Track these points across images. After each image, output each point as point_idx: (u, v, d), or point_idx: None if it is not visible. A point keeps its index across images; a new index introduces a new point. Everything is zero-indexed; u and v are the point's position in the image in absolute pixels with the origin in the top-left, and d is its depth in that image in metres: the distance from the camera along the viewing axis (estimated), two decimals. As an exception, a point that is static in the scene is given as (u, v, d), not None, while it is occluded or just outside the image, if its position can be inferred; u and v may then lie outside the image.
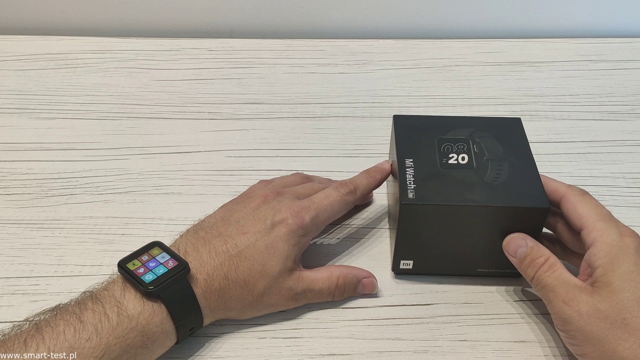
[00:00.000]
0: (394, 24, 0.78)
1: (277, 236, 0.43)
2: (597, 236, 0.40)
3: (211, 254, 0.42)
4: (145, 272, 0.40)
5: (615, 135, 0.61)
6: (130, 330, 0.38)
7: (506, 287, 0.47)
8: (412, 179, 0.44)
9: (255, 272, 0.42)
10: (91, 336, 0.36)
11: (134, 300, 0.39)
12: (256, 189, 0.49)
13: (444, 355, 0.43)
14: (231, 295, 0.42)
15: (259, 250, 0.43)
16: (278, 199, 0.45)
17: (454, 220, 0.44)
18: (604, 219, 0.41)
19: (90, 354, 0.36)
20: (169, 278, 0.39)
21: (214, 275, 0.41)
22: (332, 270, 0.46)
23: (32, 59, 0.71)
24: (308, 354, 0.43)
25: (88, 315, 0.37)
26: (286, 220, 0.43)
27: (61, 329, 0.36)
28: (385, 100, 0.66)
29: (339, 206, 0.46)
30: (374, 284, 0.47)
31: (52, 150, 0.59)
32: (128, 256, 0.41)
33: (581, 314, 0.38)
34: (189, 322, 0.41)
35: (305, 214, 0.44)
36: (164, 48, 0.73)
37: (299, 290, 0.44)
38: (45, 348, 0.35)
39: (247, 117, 0.64)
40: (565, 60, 0.72)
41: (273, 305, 0.44)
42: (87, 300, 0.39)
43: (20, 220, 0.52)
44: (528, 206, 0.43)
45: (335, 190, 0.46)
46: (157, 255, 0.41)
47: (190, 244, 0.43)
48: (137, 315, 0.38)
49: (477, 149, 0.47)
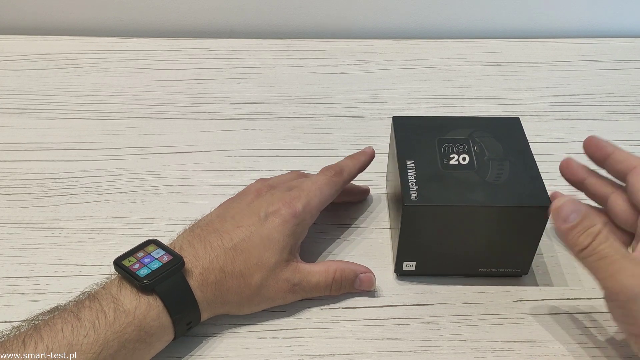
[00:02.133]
0: (394, 24, 0.78)
1: (272, 227, 0.43)
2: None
3: (207, 249, 0.42)
4: (140, 267, 0.40)
5: (615, 135, 0.61)
6: (127, 325, 0.38)
7: (506, 287, 0.47)
8: (414, 180, 0.44)
9: (252, 264, 0.42)
10: (89, 332, 0.37)
11: (130, 295, 0.39)
12: (252, 187, 0.50)
13: (444, 355, 0.43)
14: (228, 288, 0.42)
15: (254, 243, 0.43)
16: (271, 192, 0.46)
17: (457, 220, 0.43)
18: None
19: (89, 350, 0.36)
20: (164, 272, 0.40)
21: (209, 269, 0.42)
22: (329, 264, 0.46)
23: (32, 59, 0.71)
24: (308, 354, 0.43)
25: (85, 312, 0.38)
26: (279, 211, 0.44)
27: (59, 327, 0.37)
28: (385, 100, 0.66)
29: (327, 189, 0.47)
30: (371, 279, 0.47)
31: (52, 150, 0.59)
32: (124, 254, 0.42)
33: (637, 278, 0.35)
34: (186, 315, 0.41)
35: (296, 202, 0.44)
36: (164, 48, 0.73)
37: (296, 280, 0.44)
38: (44, 346, 0.36)
39: (247, 117, 0.64)
40: (565, 60, 0.72)
41: (271, 299, 0.44)
42: (85, 299, 0.39)
43: (21, 220, 0.52)
44: (530, 205, 0.43)
45: (321, 174, 0.48)
46: (152, 251, 0.42)
47: (186, 241, 0.43)
48: (133, 309, 0.38)
49: (477, 149, 0.47)
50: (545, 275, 0.48)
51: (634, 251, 0.40)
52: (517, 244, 0.45)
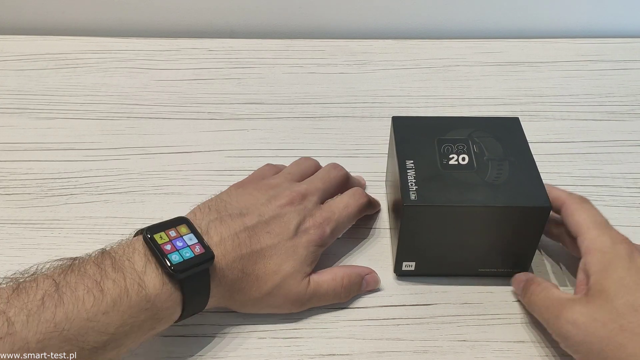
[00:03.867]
0: (394, 24, 0.78)
1: (299, 243, 0.44)
2: (590, 244, 0.41)
3: (234, 245, 0.42)
4: (172, 250, 0.39)
5: (615, 135, 0.61)
6: (145, 310, 0.37)
7: (506, 287, 0.47)
8: (414, 181, 0.44)
9: (270, 270, 0.43)
10: (108, 310, 0.35)
11: (155, 278, 0.38)
12: (266, 172, 0.51)
13: (443, 355, 0.43)
14: (241, 289, 0.42)
15: (278, 252, 0.43)
16: (304, 204, 0.46)
17: (457, 220, 0.44)
18: (598, 227, 0.41)
19: (105, 329, 0.35)
20: (194, 265, 0.39)
21: (232, 267, 0.41)
22: (335, 271, 0.46)
23: (32, 59, 0.71)
24: (308, 354, 0.43)
25: (109, 285, 0.36)
26: (309, 231, 0.45)
27: (81, 294, 0.35)
28: (385, 101, 0.66)
29: (354, 216, 0.49)
30: (376, 279, 0.47)
31: (52, 150, 0.59)
32: (156, 225, 0.40)
33: (578, 325, 0.38)
34: (194, 308, 0.40)
35: (326, 226, 0.46)
36: (163, 48, 0.73)
37: (306, 297, 0.44)
38: (63, 313, 0.34)
39: (247, 117, 0.64)
40: (565, 61, 0.72)
41: (276, 307, 0.44)
42: (107, 265, 0.37)
43: (20, 220, 0.52)
44: (530, 205, 0.43)
45: (353, 198, 0.49)
46: (185, 234, 0.40)
47: (213, 226, 0.42)
48: (154, 297, 0.37)
49: (476, 149, 0.47)
50: (545, 276, 0.48)
51: (577, 286, 0.42)
52: (516, 244, 0.45)
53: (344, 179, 0.51)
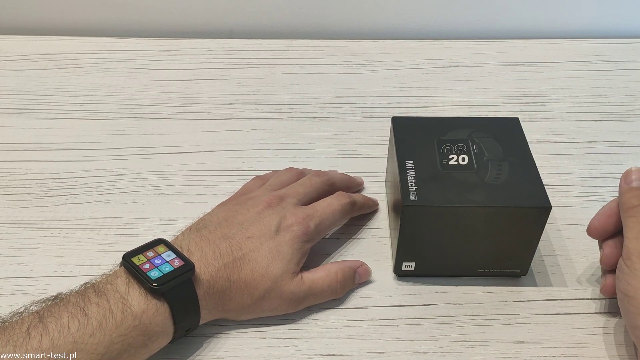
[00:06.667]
0: (394, 24, 0.78)
1: (282, 241, 0.44)
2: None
3: (216, 255, 0.42)
4: (151, 268, 0.39)
5: (615, 135, 0.61)
6: (133, 328, 0.37)
7: (506, 287, 0.47)
8: (414, 181, 0.44)
9: (258, 274, 0.42)
10: (95, 332, 0.36)
11: (139, 296, 0.38)
12: (251, 187, 0.51)
13: (443, 356, 0.43)
14: (231, 298, 0.42)
15: (262, 254, 0.43)
16: (282, 205, 0.46)
17: (456, 221, 0.43)
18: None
19: (93, 350, 0.36)
20: (175, 277, 0.39)
21: (217, 277, 0.41)
22: (328, 267, 0.46)
23: (31, 59, 0.71)
24: (307, 354, 0.43)
25: (92, 309, 0.37)
26: (291, 227, 0.45)
27: (65, 321, 0.36)
28: (384, 101, 0.66)
29: (339, 215, 0.48)
30: (368, 270, 0.48)
31: (51, 150, 0.59)
32: (133, 250, 0.41)
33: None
34: (188, 323, 0.41)
35: (310, 221, 0.45)
36: (163, 48, 0.73)
37: (302, 295, 0.44)
38: (49, 340, 0.35)
39: (247, 118, 0.64)
40: (565, 61, 0.72)
41: (273, 310, 0.44)
42: (90, 293, 0.38)
43: (20, 220, 0.52)
44: (530, 206, 0.43)
45: (336, 199, 0.49)
46: (162, 252, 0.41)
47: (194, 243, 0.43)
48: (140, 313, 0.38)
49: (476, 149, 0.47)
50: (545, 276, 0.48)
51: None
52: (516, 244, 0.45)
53: (326, 186, 0.51)
